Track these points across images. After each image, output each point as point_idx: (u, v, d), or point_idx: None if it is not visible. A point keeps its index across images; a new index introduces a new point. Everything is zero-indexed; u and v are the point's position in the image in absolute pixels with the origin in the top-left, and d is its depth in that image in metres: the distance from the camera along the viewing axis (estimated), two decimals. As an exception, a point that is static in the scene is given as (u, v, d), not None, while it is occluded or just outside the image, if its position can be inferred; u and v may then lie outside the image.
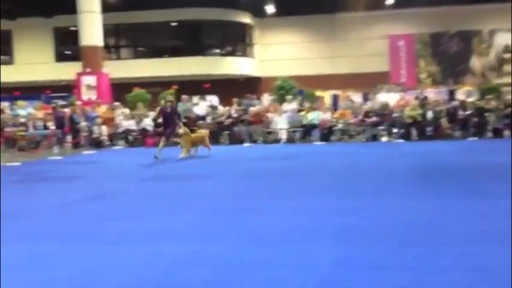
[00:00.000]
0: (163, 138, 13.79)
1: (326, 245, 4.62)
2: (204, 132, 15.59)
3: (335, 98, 26.34)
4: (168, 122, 13.93)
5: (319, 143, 17.93)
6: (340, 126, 18.80)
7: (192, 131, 18.98)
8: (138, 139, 19.45)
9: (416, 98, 20.17)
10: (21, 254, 4.64)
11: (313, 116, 18.80)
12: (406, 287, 3.48)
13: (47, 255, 4.62)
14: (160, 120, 14.52)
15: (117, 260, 4.39)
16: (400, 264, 3.99)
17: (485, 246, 4.38)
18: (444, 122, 18.09)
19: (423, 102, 19.29)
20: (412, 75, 29.38)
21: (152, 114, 19.79)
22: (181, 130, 13.70)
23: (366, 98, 25.01)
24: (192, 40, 30.58)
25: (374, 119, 18.41)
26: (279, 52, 30.73)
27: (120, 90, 23.75)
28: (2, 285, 3.78)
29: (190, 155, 13.72)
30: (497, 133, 17.73)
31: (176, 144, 14.13)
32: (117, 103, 21.67)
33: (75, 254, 4.61)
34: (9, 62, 31.38)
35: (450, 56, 29.14)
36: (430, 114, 18.21)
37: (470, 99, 19.86)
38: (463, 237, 4.73)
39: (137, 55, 31.00)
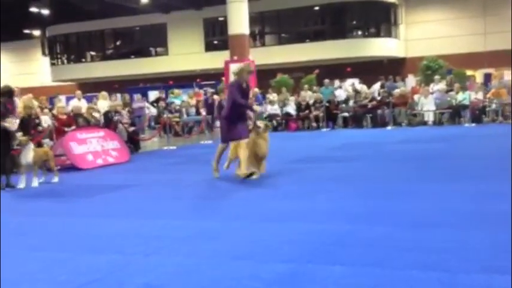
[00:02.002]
0: None
1: (482, 229, 4.50)
2: None
3: (487, 77, 24.66)
4: None
5: (469, 124, 17.01)
6: (494, 106, 17.65)
7: (334, 114, 19.10)
8: (282, 124, 19.95)
9: None
10: (194, 228, 5.14)
11: (463, 97, 17.87)
12: None
13: (217, 229, 5.05)
14: None
15: (276, 235, 4.68)
16: None
17: None
18: None
19: None
20: None
21: (294, 99, 20.17)
22: None
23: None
24: (335, 23, 30.46)
25: (532, 98, 17.01)
26: (425, 31, 29.45)
27: (265, 76, 24.48)
28: (181, 253, 4.23)
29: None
30: None
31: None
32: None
33: (235, 229, 4.98)
34: (165, 53, 33.86)
35: None
36: None
37: None
38: None
39: (281, 41, 31.60)
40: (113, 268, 3.95)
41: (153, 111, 20.98)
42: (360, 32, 30.60)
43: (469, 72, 24.45)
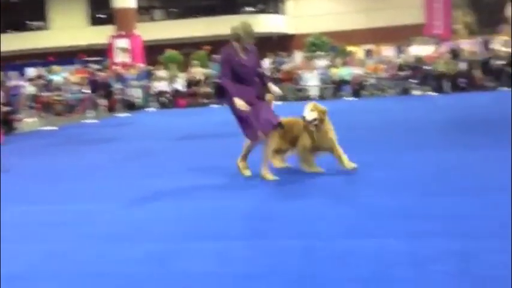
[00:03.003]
0: None
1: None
2: None
3: (367, 53, 25.89)
4: None
5: (350, 98, 17.80)
6: (372, 81, 18.58)
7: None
8: (171, 100, 19.67)
9: (451, 50, 19.67)
10: (60, 213, 4.90)
11: (344, 72, 18.62)
12: (429, 234, 3.55)
13: (85, 213, 4.86)
14: None
15: (152, 214, 4.60)
16: (426, 212, 4.05)
17: (506, 195, 4.39)
18: (477, 73, 17.66)
19: (456, 54, 18.82)
20: (447, 27, 28.49)
21: (183, 75, 19.95)
22: None
23: (399, 52, 24.49)
24: (224, -1, 30.33)
25: (406, 72, 18.12)
26: (312, 7, 30.18)
27: (154, 52, 23.91)
28: (50, 239, 4.04)
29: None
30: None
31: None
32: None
33: (116, 210, 4.84)
34: (44, 28, 31.87)
35: (486, 5, 28.10)
36: (463, 66, 17.79)
37: (506, 49, 19.22)
38: (490, 187, 4.74)
39: (170, 16, 30.92)
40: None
41: (31, 89, 19.73)
42: (249, 8, 30.72)
43: (352, 49, 25.50)
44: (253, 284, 2.96)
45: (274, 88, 5.75)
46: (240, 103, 5.43)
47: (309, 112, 5.56)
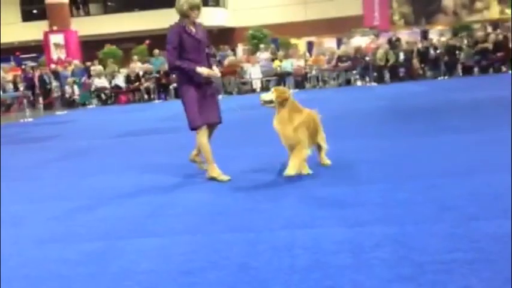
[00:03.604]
0: None
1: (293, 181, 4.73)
2: None
3: (310, 45, 26.19)
4: None
5: (293, 90, 17.93)
6: (314, 73, 18.79)
7: (166, 85, 18.85)
8: (111, 97, 19.26)
9: (389, 40, 20.18)
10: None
11: (286, 64, 18.74)
12: (367, 221, 3.59)
13: (19, 214, 4.65)
14: None
15: (86, 214, 4.45)
16: (363, 200, 4.10)
17: (447, 179, 4.51)
18: (415, 62, 18.18)
19: (395, 44, 19.32)
20: (385, 18, 29.16)
21: (124, 71, 19.57)
22: None
23: (340, 43, 24.89)
24: (163, -9, 29.85)
25: (347, 63, 18.43)
26: (252, 0, 30.20)
27: (92, 47, 23.31)
28: None
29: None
30: (468, 71, 17.90)
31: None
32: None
33: (54, 210, 4.65)
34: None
35: (422, -5, 28.92)
36: (401, 56, 18.27)
37: (443, 39, 19.90)
38: (428, 172, 4.85)
39: (107, 10, 30.22)
40: None
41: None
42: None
43: (293, 41, 25.71)
44: (194, 278, 2.91)
45: (216, 71, 5.36)
46: (203, 70, 5.08)
47: (266, 93, 5.32)
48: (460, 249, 2.95)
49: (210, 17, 29.32)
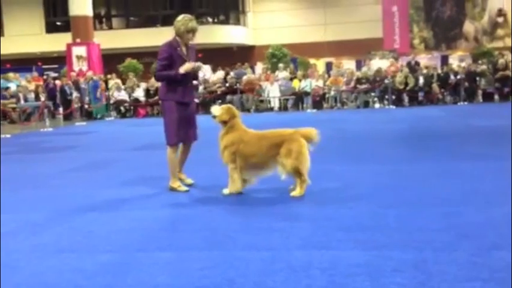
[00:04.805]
0: None
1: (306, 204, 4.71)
2: None
3: (328, 66, 26.29)
4: None
5: (311, 110, 17.95)
6: (332, 93, 18.81)
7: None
8: (130, 110, 19.45)
9: (408, 64, 20.17)
10: (10, 222, 4.72)
11: (305, 84, 18.80)
12: (385, 245, 3.56)
13: (35, 223, 4.69)
14: None
15: (105, 225, 4.48)
16: (381, 224, 4.07)
17: (466, 206, 4.47)
18: (435, 87, 18.12)
19: (415, 68, 19.30)
20: (405, 41, 29.21)
21: (143, 85, 19.76)
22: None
23: (359, 65, 24.95)
24: (184, 9, 30.21)
25: (366, 85, 18.43)
26: (272, 20, 30.47)
27: (113, 61, 23.61)
28: (2, 247, 3.88)
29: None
30: (488, 97, 17.80)
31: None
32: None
33: (72, 220, 4.68)
34: (-1, 34, 31.09)
35: (443, 21, 28.95)
36: (421, 80, 18.23)
37: (463, 64, 19.84)
38: (446, 198, 4.81)
39: (129, 25, 30.68)
40: None
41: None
42: (209, 19, 30.75)
43: (312, 61, 25.83)
44: (209, 296, 2.90)
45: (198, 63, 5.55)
46: (186, 67, 5.41)
47: (216, 108, 5.48)
48: (479, 279, 2.91)
49: (230, 35, 29.68)
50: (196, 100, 14.86)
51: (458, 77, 18.05)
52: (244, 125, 5.43)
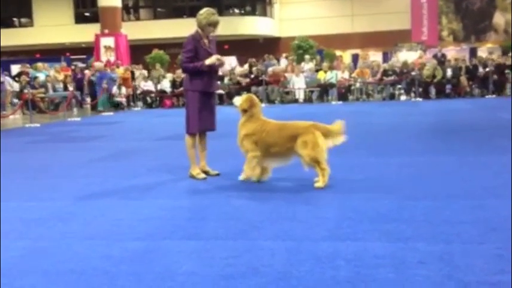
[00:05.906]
0: None
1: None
2: None
3: (355, 58, 26.05)
4: None
5: (336, 102, 17.84)
6: (358, 85, 18.66)
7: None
8: (156, 100, 19.60)
9: (435, 56, 19.88)
10: (41, 210, 4.82)
11: (331, 76, 18.68)
12: (411, 237, 3.54)
13: (65, 210, 4.78)
14: None
15: (133, 213, 4.54)
16: (407, 216, 4.05)
17: (493, 200, 4.42)
18: (464, 79, 17.83)
19: (442, 60, 19.01)
20: (433, 33, 28.77)
21: (170, 75, 19.87)
22: None
23: (385, 57, 24.68)
24: (211, 0, 30.28)
25: (392, 77, 18.23)
26: (299, 11, 30.30)
27: (140, 51, 23.80)
28: (30, 236, 3.98)
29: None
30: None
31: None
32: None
33: (99, 208, 4.77)
34: (29, 25, 31.60)
35: (473, 13, 28.41)
36: (449, 72, 17.96)
37: (492, 57, 19.46)
38: (473, 191, 4.76)
39: (156, 16, 30.86)
40: None
41: (16, 86, 19.55)
42: (236, 10, 30.73)
43: (338, 53, 25.62)
44: (234, 283, 2.93)
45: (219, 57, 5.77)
46: (210, 60, 5.65)
47: (238, 98, 5.71)
48: (507, 272, 2.88)
49: (256, 26, 29.62)
50: (222, 91, 14.91)
51: (487, 69, 17.72)
52: (263, 115, 5.51)
